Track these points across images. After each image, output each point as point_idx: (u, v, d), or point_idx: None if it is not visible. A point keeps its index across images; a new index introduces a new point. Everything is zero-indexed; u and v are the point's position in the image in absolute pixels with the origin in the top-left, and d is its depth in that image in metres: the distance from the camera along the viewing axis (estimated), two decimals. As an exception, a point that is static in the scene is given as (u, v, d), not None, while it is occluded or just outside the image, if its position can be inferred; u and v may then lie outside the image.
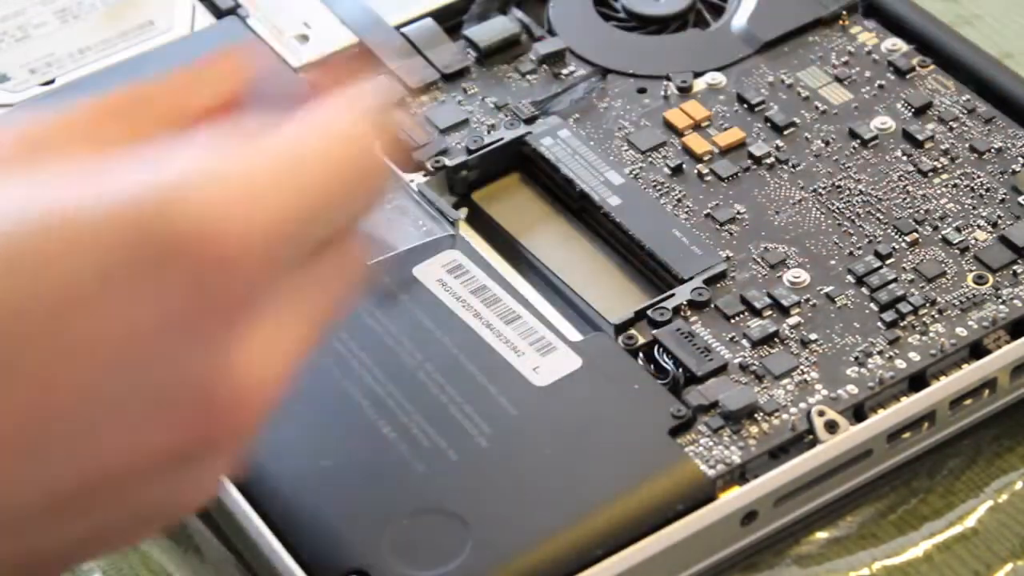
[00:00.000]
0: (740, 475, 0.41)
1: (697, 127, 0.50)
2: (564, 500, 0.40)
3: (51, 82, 0.52)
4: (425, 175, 0.48)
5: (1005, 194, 0.47)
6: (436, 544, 0.39)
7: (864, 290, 0.45)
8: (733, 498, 0.40)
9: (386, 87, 0.37)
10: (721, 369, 0.43)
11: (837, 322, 0.44)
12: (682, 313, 0.44)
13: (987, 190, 0.47)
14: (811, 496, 0.42)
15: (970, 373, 0.43)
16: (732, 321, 0.44)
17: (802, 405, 0.42)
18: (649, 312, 0.44)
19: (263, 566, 0.41)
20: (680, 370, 0.43)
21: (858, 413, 0.42)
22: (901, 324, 0.44)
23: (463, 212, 0.48)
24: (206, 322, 0.31)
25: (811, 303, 0.45)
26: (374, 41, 0.52)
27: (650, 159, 0.49)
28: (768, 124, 0.49)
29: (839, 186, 0.48)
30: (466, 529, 0.39)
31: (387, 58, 0.52)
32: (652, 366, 0.44)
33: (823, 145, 0.49)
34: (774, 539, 0.42)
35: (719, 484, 0.41)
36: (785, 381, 0.43)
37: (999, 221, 0.46)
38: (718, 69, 0.51)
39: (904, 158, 0.48)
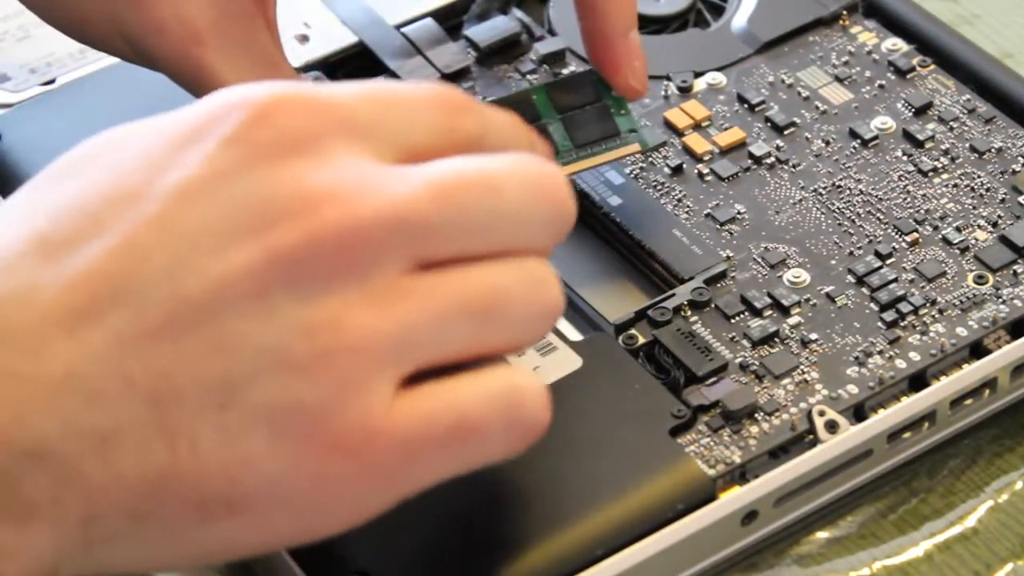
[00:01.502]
0: (740, 475, 0.41)
1: (697, 127, 0.50)
2: (564, 500, 0.40)
3: (51, 82, 0.52)
4: (425, 175, 0.48)
5: (1005, 194, 0.47)
6: (436, 545, 0.39)
7: (864, 290, 0.45)
8: (733, 498, 0.40)
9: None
10: (721, 369, 0.43)
11: (837, 322, 0.44)
12: (682, 313, 0.44)
13: (987, 190, 0.47)
14: (811, 496, 0.42)
15: (970, 373, 0.43)
16: (732, 321, 0.44)
17: (802, 405, 0.42)
18: (649, 312, 0.44)
19: (264, 567, 0.41)
20: (680, 370, 0.43)
21: (858, 413, 0.42)
22: (901, 324, 0.44)
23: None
24: (270, 149, 0.33)
25: (811, 303, 0.45)
26: (374, 41, 0.52)
27: (650, 159, 0.49)
28: (768, 124, 0.49)
29: (839, 186, 0.48)
30: (466, 530, 0.39)
31: (387, 58, 0.52)
32: (652, 366, 0.44)
33: (823, 145, 0.49)
34: (774, 539, 0.42)
35: (719, 484, 0.41)
36: (785, 381, 0.43)
37: (999, 221, 0.46)
38: (718, 69, 0.51)
39: (904, 158, 0.48)
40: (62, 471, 0.31)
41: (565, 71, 0.51)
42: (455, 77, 0.51)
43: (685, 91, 0.51)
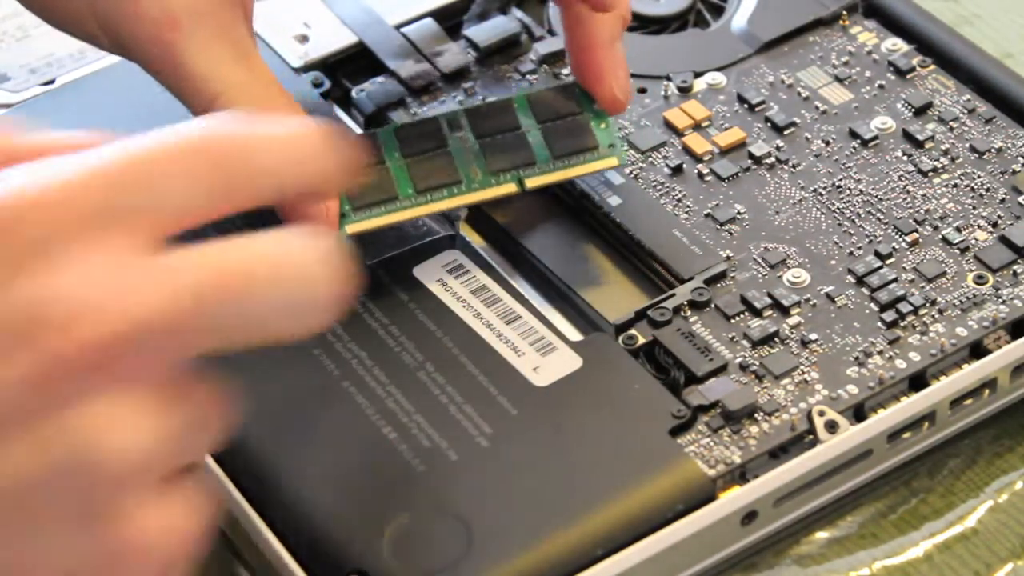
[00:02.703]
0: (740, 475, 0.41)
1: (697, 127, 0.50)
2: (564, 500, 0.40)
3: (51, 82, 0.52)
4: (425, 175, 0.48)
5: (1005, 194, 0.47)
6: (436, 544, 0.39)
7: (864, 290, 0.45)
8: (733, 498, 0.40)
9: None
10: (721, 369, 0.43)
11: (837, 322, 0.44)
12: (682, 313, 0.44)
13: (987, 190, 0.47)
14: (811, 496, 0.42)
15: (970, 373, 0.43)
16: (732, 321, 0.44)
17: (802, 405, 0.42)
18: (649, 312, 0.44)
19: (263, 566, 0.41)
20: (680, 370, 0.43)
21: (858, 413, 0.42)
22: (901, 324, 0.44)
23: (463, 212, 0.48)
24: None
25: (811, 303, 0.45)
26: (374, 41, 0.52)
27: (650, 159, 0.49)
28: (768, 124, 0.49)
29: (839, 186, 0.48)
30: (466, 529, 0.39)
31: (387, 58, 0.52)
32: (652, 366, 0.44)
33: (823, 145, 0.49)
34: (774, 539, 0.42)
35: (719, 484, 0.41)
36: (785, 381, 0.43)
37: (999, 221, 0.46)
38: (718, 69, 0.51)
39: (904, 158, 0.48)
40: None
41: (565, 71, 0.51)
42: (455, 77, 0.51)
43: (685, 91, 0.51)
